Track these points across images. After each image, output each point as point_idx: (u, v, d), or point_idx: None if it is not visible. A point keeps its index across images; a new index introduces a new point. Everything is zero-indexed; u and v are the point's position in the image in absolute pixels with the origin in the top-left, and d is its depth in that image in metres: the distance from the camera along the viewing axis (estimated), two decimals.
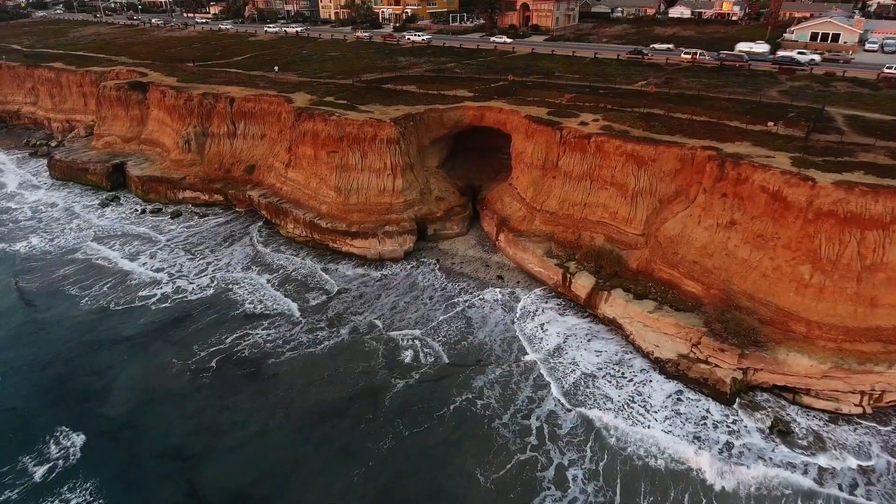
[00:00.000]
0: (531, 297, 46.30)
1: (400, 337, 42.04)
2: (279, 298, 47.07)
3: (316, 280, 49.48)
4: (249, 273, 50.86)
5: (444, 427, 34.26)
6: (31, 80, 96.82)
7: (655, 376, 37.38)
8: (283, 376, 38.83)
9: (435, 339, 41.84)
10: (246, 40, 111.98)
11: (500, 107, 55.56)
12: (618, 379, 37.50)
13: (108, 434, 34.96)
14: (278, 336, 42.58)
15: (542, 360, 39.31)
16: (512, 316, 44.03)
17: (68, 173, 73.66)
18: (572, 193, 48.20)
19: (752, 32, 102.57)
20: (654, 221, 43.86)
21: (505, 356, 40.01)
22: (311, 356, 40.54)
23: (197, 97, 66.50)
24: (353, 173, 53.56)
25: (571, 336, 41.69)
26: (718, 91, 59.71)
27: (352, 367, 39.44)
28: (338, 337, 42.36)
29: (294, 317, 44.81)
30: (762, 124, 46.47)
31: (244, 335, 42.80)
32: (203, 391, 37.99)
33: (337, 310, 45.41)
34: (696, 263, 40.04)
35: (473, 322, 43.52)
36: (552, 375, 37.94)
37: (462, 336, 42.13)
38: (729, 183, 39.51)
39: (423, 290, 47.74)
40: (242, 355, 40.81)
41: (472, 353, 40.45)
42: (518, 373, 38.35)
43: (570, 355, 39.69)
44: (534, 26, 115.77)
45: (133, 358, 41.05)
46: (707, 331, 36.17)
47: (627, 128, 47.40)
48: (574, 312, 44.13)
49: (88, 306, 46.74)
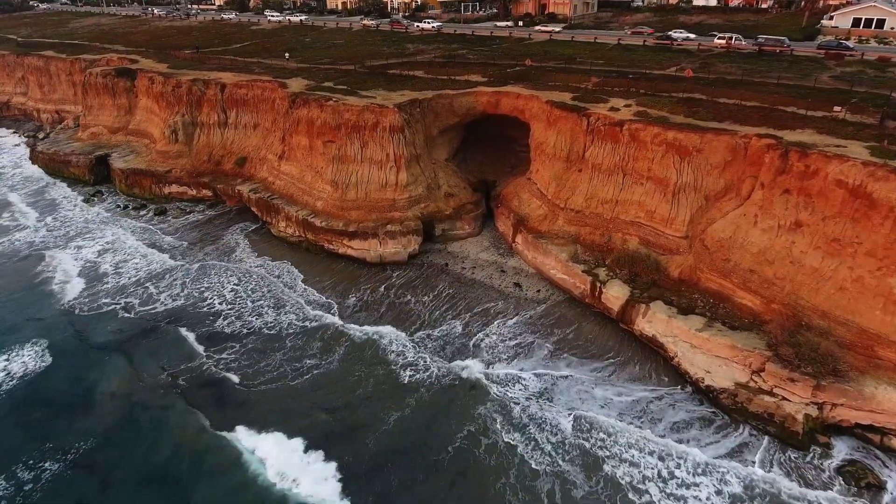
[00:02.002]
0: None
1: (398, 369, 35.75)
2: (261, 310, 40.91)
3: (297, 294, 42.95)
4: (225, 279, 44.79)
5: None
6: (20, 69, 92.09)
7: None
8: (258, 404, 32.99)
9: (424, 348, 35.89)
10: (247, 29, 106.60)
11: (518, 92, 49.36)
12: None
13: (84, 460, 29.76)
14: (255, 357, 36.58)
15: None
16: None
17: (50, 166, 68.50)
18: (601, 189, 41.93)
19: (785, 20, 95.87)
20: (699, 222, 37.48)
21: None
22: (289, 384, 34.37)
23: (186, 83, 60.92)
24: (351, 166, 47.62)
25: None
26: (763, 76, 53.18)
27: (335, 395, 33.50)
28: (327, 361, 36.38)
29: (274, 335, 38.52)
30: (825, 110, 39.93)
31: (220, 350, 37.05)
32: (172, 411, 32.36)
33: (322, 331, 38.83)
34: (752, 272, 33.66)
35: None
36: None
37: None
38: (794, 177, 33.04)
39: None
40: (216, 376, 35.02)
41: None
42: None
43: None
44: (550, 14, 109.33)
45: (102, 372, 35.48)
46: (772, 355, 29.83)
47: (666, 113, 41.07)
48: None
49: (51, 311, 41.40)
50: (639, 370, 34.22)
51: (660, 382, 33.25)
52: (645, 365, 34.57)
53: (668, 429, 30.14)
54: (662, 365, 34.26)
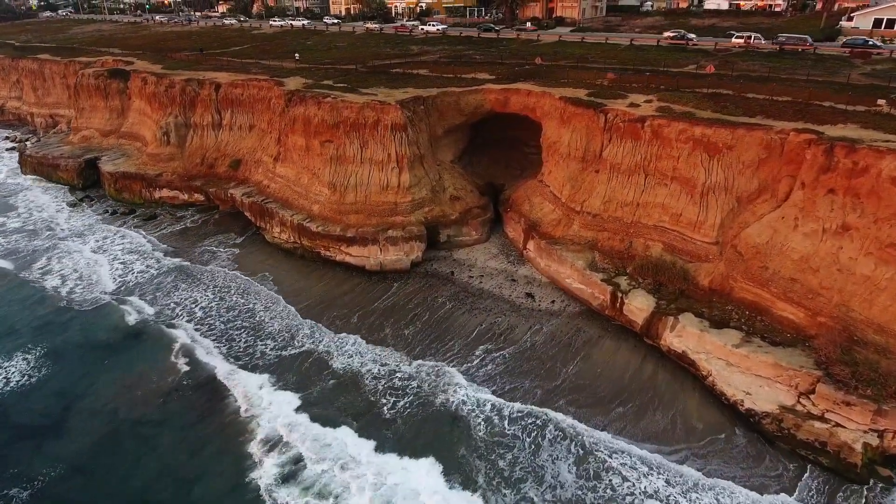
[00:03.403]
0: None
1: (379, 396, 32.25)
2: (234, 335, 36.39)
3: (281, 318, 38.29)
4: (199, 293, 40.95)
5: None
6: (15, 72, 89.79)
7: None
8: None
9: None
10: (248, 33, 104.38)
11: (529, 89, 46.22)
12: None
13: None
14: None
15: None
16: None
17: (39, 170, 65.76)
18: (621, 191, 38.57)
19: (800, 23, 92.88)
20: (730, 226, 34.05)
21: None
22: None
23: (179, 83, 58.14)
24: (350, 167, 44.45)
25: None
26: (789, 73, 49.95)
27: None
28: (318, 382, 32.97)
29: (240, 364, 34.01)
30: (867, 104, 36.60)
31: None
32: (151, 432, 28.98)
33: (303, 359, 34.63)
34: (794, 281, 30.16)
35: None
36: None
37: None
38: (840, 175, 29.61)
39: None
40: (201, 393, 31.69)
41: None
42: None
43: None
44: (558, 18, 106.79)
45: (71, 389, 32.16)
46: (823, 375, 26.27)
47: (691, 109, 37.82)
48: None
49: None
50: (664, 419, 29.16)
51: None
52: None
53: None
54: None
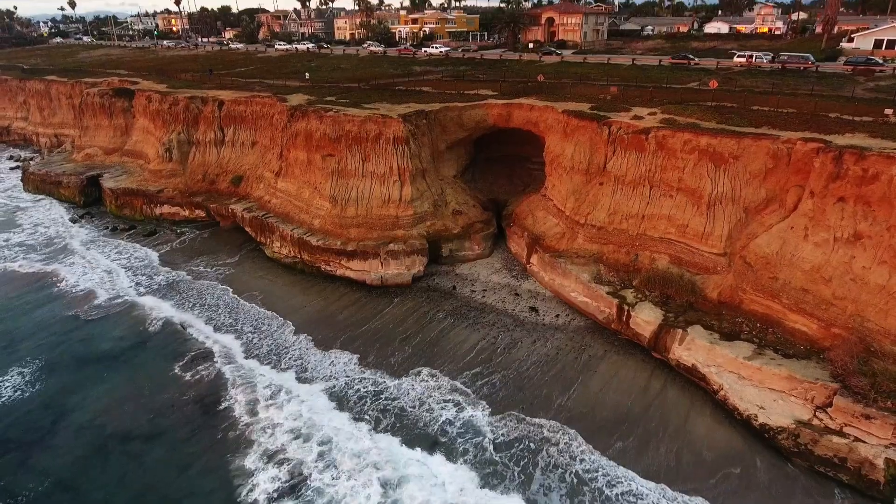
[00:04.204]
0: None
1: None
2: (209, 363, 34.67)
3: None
4: (192, 316, 39.50)
5: None
6: (22, 93, 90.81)
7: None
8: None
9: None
10: (253, 56, 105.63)
11: (532, 104, 46.08)
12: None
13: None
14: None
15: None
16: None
17: (41, 187, 65.77)
18: (625, 203, 38.00)
19: (800, 46, 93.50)
20: (738, 237, 33.32)
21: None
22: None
23: (183, 101, 58.33)
24: (351, 180, 44.09)
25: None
26: (793, 89, 49.78)
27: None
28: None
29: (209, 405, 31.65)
30: (874, 115, 36.19)
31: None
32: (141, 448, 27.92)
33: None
34: (805, 292, 29.29)
35: None
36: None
37: None
38: (850, 182, 29.00)
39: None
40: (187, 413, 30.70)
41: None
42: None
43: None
44: (560, 42, 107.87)
45: (62, 403, 31.21)
46: (840, 387, 25.23)
47: (696, 120, 37.48)
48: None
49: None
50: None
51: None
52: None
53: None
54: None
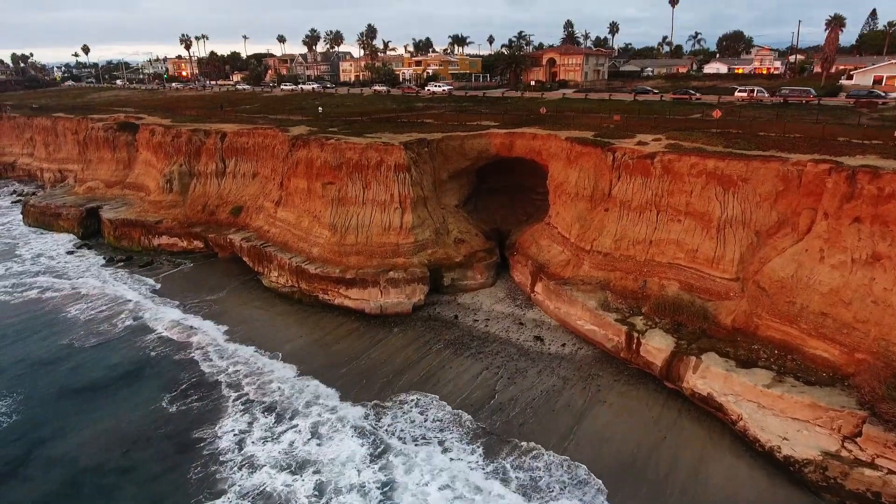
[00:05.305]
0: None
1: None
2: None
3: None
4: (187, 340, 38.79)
5: None
6: (29, 130, 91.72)
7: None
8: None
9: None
10: (259, 96, 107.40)
11: (534, 132, 45.81)
12: None
13: None
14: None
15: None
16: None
17: (41, 220, 65.30)
18: (632, 229, 37.03)
19: (800, 84, 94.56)
20: (750, 261, 32.15)
21: None
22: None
23: (186, 133, 58.59)
24: (352, 208, 43.40)
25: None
26: (798, 121, 49.50)
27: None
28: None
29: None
30: (883, 139, 35.55)
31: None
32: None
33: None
34: (825, 316, 27.88)
35: None
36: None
37: None
38: (865, 202, 28.03)
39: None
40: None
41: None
42: None
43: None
44: (561, 81, 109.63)
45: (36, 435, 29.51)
46: (868, 415, 23.56)
47: (702, 145, 36.88)
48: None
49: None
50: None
51: None
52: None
53: None
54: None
